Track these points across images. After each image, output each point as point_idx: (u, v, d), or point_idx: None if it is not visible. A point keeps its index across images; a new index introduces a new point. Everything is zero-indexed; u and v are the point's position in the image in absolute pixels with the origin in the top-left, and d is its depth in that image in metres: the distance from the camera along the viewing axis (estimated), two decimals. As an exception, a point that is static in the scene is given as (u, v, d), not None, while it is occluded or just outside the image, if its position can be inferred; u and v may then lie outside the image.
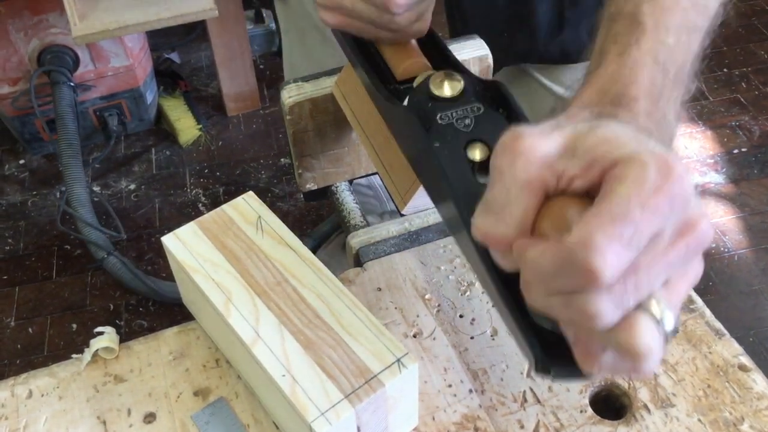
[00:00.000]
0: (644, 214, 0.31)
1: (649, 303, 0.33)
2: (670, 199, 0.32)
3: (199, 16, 1.51)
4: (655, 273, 0.33)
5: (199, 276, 0.53)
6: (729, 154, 1.91)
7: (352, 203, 0.80)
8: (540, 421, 0.52)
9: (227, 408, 0.54)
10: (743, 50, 2.20)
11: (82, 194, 1.56)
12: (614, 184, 0.32)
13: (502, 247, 0.36)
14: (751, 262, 1.67)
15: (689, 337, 0.56)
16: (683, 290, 0.35)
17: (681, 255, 0.34)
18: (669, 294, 0.34)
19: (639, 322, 0.33)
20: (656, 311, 0.33)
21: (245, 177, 1.91)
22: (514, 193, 0.35)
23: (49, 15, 1.73)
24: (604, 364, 0.36)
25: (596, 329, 0.33)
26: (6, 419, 0.54)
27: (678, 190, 0.32)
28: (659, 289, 0.34)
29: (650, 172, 0.32)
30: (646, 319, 0.33)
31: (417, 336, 0.57)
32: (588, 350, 0.36)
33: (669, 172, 0.32)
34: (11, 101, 1.78)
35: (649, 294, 0.33)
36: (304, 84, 0.73)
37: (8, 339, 1.58)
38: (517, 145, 0.35)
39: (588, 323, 0.33)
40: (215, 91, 2.13)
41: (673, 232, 0.33)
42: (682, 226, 0.33)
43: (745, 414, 0.51)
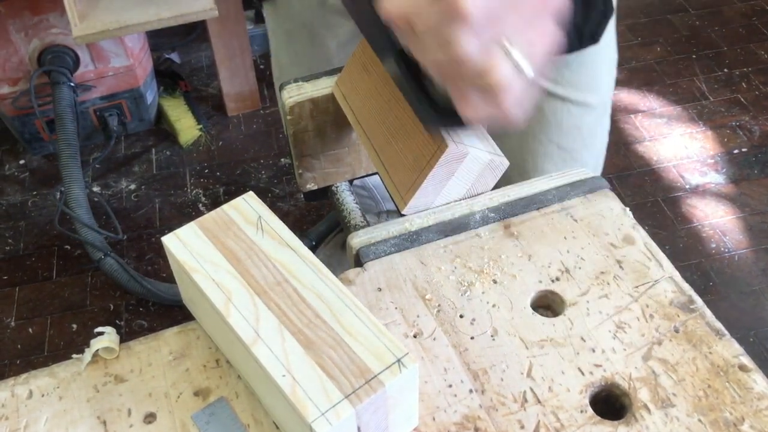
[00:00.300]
0: None
1: (507, 49, 0.43)
2: None
3: (199, 16, 1.51)
4: (511, 23, 0.42)
5: (199, 276, 0.53)
6: (729, 154, 1.91)
7: (352, 203, 0.80)
8: (540, 422, 0.52)
9: (227, 408, 0.54)
10: (744, 50, 2.20)
11: (80, 195, 1.56)
12: None
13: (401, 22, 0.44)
14: (751, 262, 1.67)
15: (689, 338, 0.56)
16: (539, 46, 0.44)
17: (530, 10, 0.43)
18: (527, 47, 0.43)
19: (498, 62, 0.42)
20: (514, 55, 0.43)
21: (245, 177, 1.91)
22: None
23: (50, 15, 1.73)
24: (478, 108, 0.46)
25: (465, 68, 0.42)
26: (6, 419, 0.54)
27: None
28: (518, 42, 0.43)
29: None
30: (504, 59, 0.42)
31: (417, 336, 0.57)
32: (463, 96, 0.46)
33: None
34: (11, 101, 1.79)
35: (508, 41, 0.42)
36: (305, 84, 0.73)
37: (8, 339, 1.58)
38: None
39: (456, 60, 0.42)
40: (215, 91, 2.14)
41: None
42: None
43: (746, 414, 0.51)
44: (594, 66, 0.91)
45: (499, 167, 0.65)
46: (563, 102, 0.92)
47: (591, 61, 0.90)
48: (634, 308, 0.58)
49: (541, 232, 0.64)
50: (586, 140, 0.97)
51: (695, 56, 2.20)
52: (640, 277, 0.60)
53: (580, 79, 0.91)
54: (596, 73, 0.92)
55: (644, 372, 0.54)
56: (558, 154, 0.96)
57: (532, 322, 0.58)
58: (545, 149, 0.96)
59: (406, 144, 0.63)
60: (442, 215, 0.65)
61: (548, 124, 0.93)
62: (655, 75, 2.14)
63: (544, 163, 0.97)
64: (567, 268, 0.61)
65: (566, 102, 0.92)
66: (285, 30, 1.03)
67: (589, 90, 0.92)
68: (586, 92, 0.92)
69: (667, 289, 0.59)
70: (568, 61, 0.89)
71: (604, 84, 0.95)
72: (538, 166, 0.97)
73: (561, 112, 0.93)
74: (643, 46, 2.24)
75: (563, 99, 0.91)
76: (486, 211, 0.65)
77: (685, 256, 1.68)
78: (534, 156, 0.96)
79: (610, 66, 0.95)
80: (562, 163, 0.97)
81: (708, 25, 2.30)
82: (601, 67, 0.93)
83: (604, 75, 0.94)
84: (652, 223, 1.76)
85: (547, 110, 0.93)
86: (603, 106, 0.96)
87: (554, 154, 0.96)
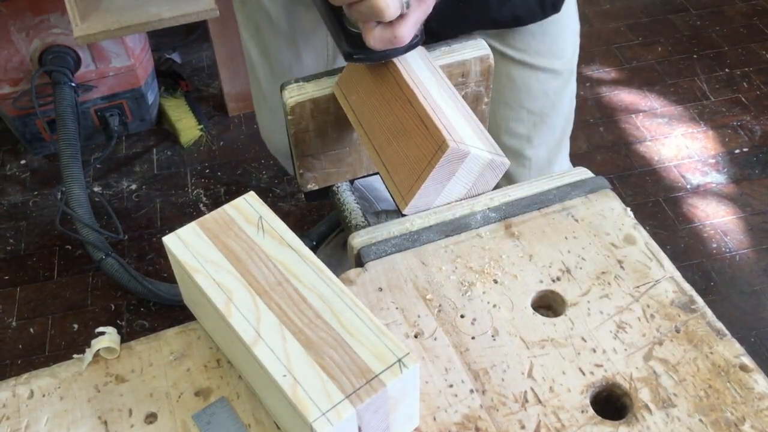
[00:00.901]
0: None
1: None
2: None
3: (200, 16, 1.51)
4: None
5: (200, 276, 0.53)
6: (730, 154, 1.90)
7: (353, 203, 0.80)
8: (541, 422, 0.52)
9: (228, 408, 0.54)
10: (745, 50, 2.20)
11: (81, 195, 1.56)
12: None
13: None
14: (752, 262, 1.67)
15: (690, 338, 0.56)
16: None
17: None
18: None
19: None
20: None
21: (246, 177, 1.91)
22: None
23: (51, 15, 1.73)
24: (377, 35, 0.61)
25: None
26: (7, 419, 0.54)
27: None
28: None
29: None
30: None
31: (418, 336, 0.57)
32: (368, 28, 0.61)
33: None
34: (12, 101, 1.79)
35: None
36: (306, 84, 0.73)
37: (9, 339, 1.58)
38: None
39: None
40: (216, 91, 2.14)
41: None
42: None
43: (747, 414, 0.51)
44: (558, 34, 0.97)
45: (500, 167, 0.65)
46: (531, 69, 0.98)
47: (555, 30, 0.96)
48: (635, 308, 0.58)
49: (542, 232, 0.64)
50: (555, 104, 1.04)
51: (696, 56, 2.19)
52: (641, 277, 0.60)
53: (546, 48, 0.97)
54: (560, 40, 0.98)
55: (645, 372, 0.54)
56: (528, 118, 1.03)
57: (533, 322, 0.58)
58: (516, 114, 1.03)
59: (407, 144, 0.63)
60: (442, 215, 0.65)
61: (518, 90, 1.00)
62: (656, 75, 2.14)
63: (516, 126, 1.04)
64: (568, 268, 0.61)
65: (534, 69, 0.98)
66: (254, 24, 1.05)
67: (554, 57, 0.98)
68: (551, 59, 0.98)
69: (668, 289, 0.59)
70: (533, 30, 0.95)
71: (568, 50, 1.01)
72: (510, 130, 1.04)
73: (529, 79, 0.99)
74: (644, 46, 2.24)
75: (531, 66, 0.98)
76: (487, 211, 0.65)
77: (686, 256, 1.68)
78: (506, 121, 1.03)
79: (573, 33, 1.01)
80: (532, 126, 1.04)
81: (709, 25, 2.30)
82: (565, 34, 0.99)
83: (567, 42, 1.00)
84: (653, 223, 1.75)
85: (517, 78, 0.99)
86: (569, 72, 1.03)
87: (525, 118, 1.03)
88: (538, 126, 1.05)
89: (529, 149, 1.06)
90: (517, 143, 1.05)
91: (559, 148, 1.11)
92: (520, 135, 1.05)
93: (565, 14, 0.95)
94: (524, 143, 1.06)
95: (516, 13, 0.91)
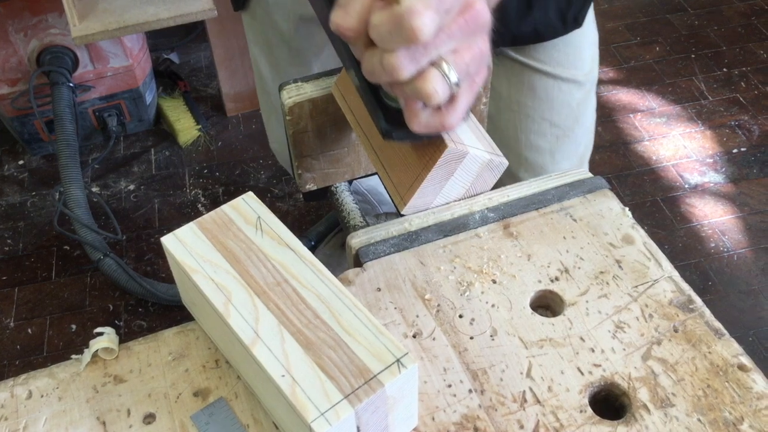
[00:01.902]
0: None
1: (439, 62, 0.48)
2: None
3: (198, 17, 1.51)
4: (442, 40, 0.47)
5: (198, 276, 0.53)
6: (728, 153, 1.91)
7: (351, 204, 0.80)
8: (540, 422, 0.52)
9: (227, 408, 0.54)
10: (743, 50, 2.20)
11: (80, 195, 1.56)
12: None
13: (349, 34, 0.48)
14: (750, 261, 1.67)
15: (689, 337, 0.56)
16: (467, 58, 0.49)
17: (462, 28, 0.47)
18: (455, 58, 0.49)
19: (429, 73, 0.48)
20: (444, 68, 0.48)
21: (245, 177, 1.91)
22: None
23: (49, 15, 1.73)
24: (422, 120, 0.53)
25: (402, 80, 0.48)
26: (5, 420, 0.54)
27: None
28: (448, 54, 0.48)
29: None
30: (435, 72, 0.48)
31: (416, 336, 0.57)
32: (411, 109, 0.52)
33: None
34: (10, 102, 1.78)
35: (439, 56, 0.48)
36: (304, 84, 0.73)
37: (7, 340, 1.58)
38: None
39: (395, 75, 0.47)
40: (214, 91, 2.14)
41: (457, 11, 0.46)
42: (463, 6, 0.47)
43: (745, 414, 0.51)
44: (579, 44, 0.96)
45: (499, 167, 0.65)
46: (554, 79, 0.96)
47: (577, 41, 0.95)
48: (634, 308, 0.58)
49: (541, 232, 0.64)
50: (578, 116, 1.01)
51: (694, 56, 2.20)
52: (639, 276, 0.60)
53: (568, 58, 0.95)
54: (581, 50, 0.97)
55: (643, 372, 0.54)
56: (551, 132, 1.00)
57: (532, 322, 0.58)
58: (538, 127, 0.99)
59: (406, 144, 0.63)
60: (441, 215, 0.65)
61: (540, 101, 0.97)
62: (654, 74, 2.14)
63: (538, 140, 1.00)
64: (566, 268, 0.61)
65: (557, 79, 0.96)
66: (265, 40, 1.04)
67: (575, 67, 0.96)
68: (573, 69, 0.96)
69: (667, 288, 0.59)
70: (555, 42, 0.93)
71: (589, 60, 0.99)
72: (531, 144, 1.00)
73: (552, 89, 0.97)
74: (642, 46, 2.25)
75: (554, 76, 0.95)
76: (485, 211, 0.65)
77: (684, 256, 1.68)
78: (527, 134, 1.00)
79: (592, 44, 0.99)
80: (554, 140, 1.00)
81: (707, 24, 2.30)
82: (585, 44, 0.97)
83: (588, 52, 0.98)
84: (651, 222, 1.76)
85: (539, 89, 0.96)
86: (591, 83, 1.01)
87: (547, 131, 1.00)
88: (561, 140, 1.01)
89: (552, 165, 1.02)
90: (540, 158, 1.02)
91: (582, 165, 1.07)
92: (543, 149, 1.01)
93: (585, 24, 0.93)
94: (547, 158, 1.02)
95: (536, 28, 0.90)
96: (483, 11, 0.47)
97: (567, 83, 0.97)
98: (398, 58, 0.47)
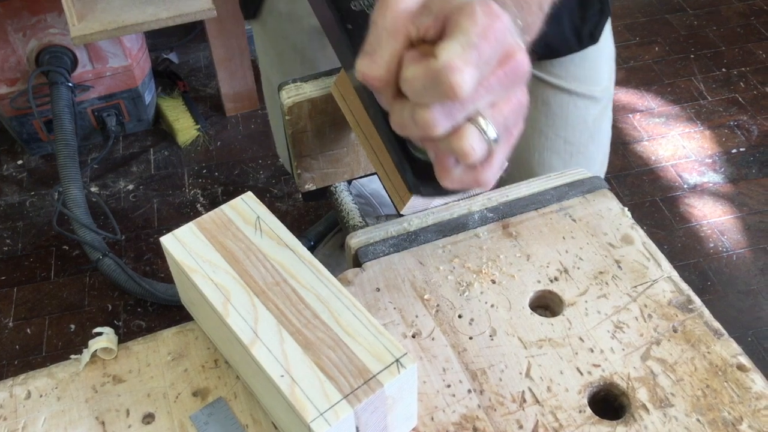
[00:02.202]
0: (483, 43, 0.40)
1: (475, 117, 0.43)
2: (496, 32, 0.41)
3: (197, 16, 1.51)
4: (480, 93, 0.42)
5: (197, 276, 0.53)
6: (727, 153, 1.91)
7: (351, 204, 0.80)
8: (539, 422, 0.52)
9: (226, 408, 0.54)
10: (742, 50, 2.21)
11: (79, 195, 1.56)
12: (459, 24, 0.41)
13: (376, 83, 0.44)
14: (749, 261, 1.67)
15: (688, 337, 0.56)
16: (506, 111, 0.45)
17: (502, 81, 0.43)
18: (493, 112, 0.44)
19: (466, 130, 0.43)
20: (481, 124, 0.43)
21: (244, 177, 1.91)
22: (383, 38, 0.43)
23: (48, 15, 1.73)
24: (455, 176, 0.47)
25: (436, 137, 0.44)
26: (4, 420, 0.54)
27: (500, 26, 0.41)
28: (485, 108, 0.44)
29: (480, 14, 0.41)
30: (472, 128, 0.43)
31: (416, 336, 0.57)
32: (443, 165, 0.47)
33: (493, 13, 0.41)
34: (9, 101, 1.78)
35: (476, 110, 0.43)
36: (303, 84, 0.73)
37: (6, 339, 1.58)
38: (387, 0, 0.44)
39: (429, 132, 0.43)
40: (214, 91, 2.13)
41: (496, 62, 0.42)
42: (502, 56, 0.42)
43: (744, 414, 0.51)
44: (596, 59, 0.93)
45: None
46: (569, 95, 0.93)
47: (593, 55, 0.92)
48: (633, 308, 0.58)
49: (540, 232, 0.64)
50: (593, 133, 0.97)
51: (693, 56, 2.20)
52: (638, 276, 0.60)
53: (585, 73, 0.92)
54: (598, 65, 0.94)
55: (643, 372, 0.54)
56: (565, 149, 0.96)
57: (531, 322, 0.58)
58: (552, 144, 0.96)
59: None
60: (440, 215, 0.65)
61: (555, 117, 0.94)
62: (654, 75, 2.14)
63: (551, 158, 0.97)
64: (565, 268, 0.61)
65: (572, 94, 0.93)
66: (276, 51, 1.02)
67: (592, 82, 0.93)
68: (590, 85, 0.93)
69: (666, 288, 0.59)
70: (571, 56, 0.90)
71: (605, 76, 0.96)
72: (545, 162, 0.97)
73: (567, 105, 0.93)
74: (642, 46, 2.25)
75: (569, 92, 0.92)
76: (484, 211, 0.65)
77: (683, 256, 1.68)
78: (540, 151, 0.96)
79: (609, 58, 0.96)
80: (569, 158, 0.97)
81: (706, 24, 2.30)
82: (602, 59, 0.94)
83: (604, 67, 0.95)
84: (650, 222, 1.76)
85: (554, 104, 0.93)
86: (607, 98, 0.97)
87: (561, 149, 0.96)
88: (575, 157, 0.97)
89: None
90: None
91: None
92: (556, 167, 0.97)
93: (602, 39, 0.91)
94: None
95: (549, 43, 0.87)
96: (523, 61, 0.43)
97: (583, 99, 0.94)
98: (432, 113, 0.42)
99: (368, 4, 0.59)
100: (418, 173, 0.52)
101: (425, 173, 0.51)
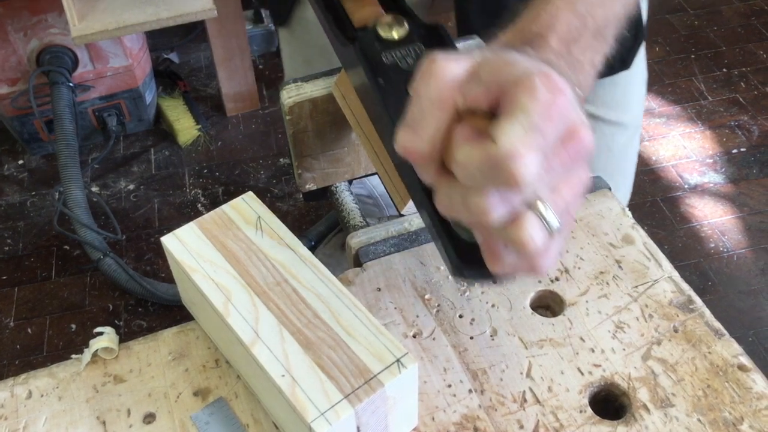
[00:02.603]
0: (546, 124, 0.36)
1: (534, 203, 0.38)
2: (559, 109, 0.36)
3: (198, 17, 1.51)
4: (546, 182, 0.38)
5: (198, 276, 0.53)
6: (728, 154, 1.91)
7: (351, 203, 0.80)
8: (539, 422, 0.52)
9: (227, 408, 0.54)
10: (742, 50, 2.20)
11: (79, 195, 1.56)
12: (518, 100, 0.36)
13: (418, 159, 0.40)
14: (750, 261, 1.67)
15: (689, 337, 0.56)
16: (568, 195, 0.39)
17: (564, 162, 0.38)
18: (554, 196, 0.39)
19: (525, 219, 0.38)
20: (541, 210, 0.38)
21: (244, 177, 1.91)
22: (428, 110, 0.39)
23: (49, 15, 1.73)
24: (507, 263, 0.42)
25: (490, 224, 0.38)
26: (5, 419, 0.54)
27: (563, 102, 0.36)
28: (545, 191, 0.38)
29: (541, 89, 0.36)
30: (532, 216, 0.38)
31: (416, 336, 0.57)
32: (492, 250, 0.42)
33: (555, 87, 0.36)
34: (10, 101, 1.78)
35: (535, 195, 0.38)
36: (304, 84, 0.73)
37: (7, 339, 1.58)
38: (432, 68, 0.39)
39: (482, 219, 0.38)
40: (214, 91, 2.13)
41: (559, 141, 0.37)
42: (566, 135, 0.37)
43: (745, 414, 0.51)
44: (626, 85, 0.88)
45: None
46: (596, 121, 0.87)
47: (624, 81, 0.87)
48: (634, 308, 0.58)
49: (541, 232, 0.64)
50: (619, 162, 0.93)
51: (694, 56, 2.20)
52: (639, 277, 0.60)
53: (613, 98, 0.87)
54: (629, 91, 0.89)
55: (643, 372, 0.54)
56: None
57: (532, 322, 0.58)
58: None
59: None
60: (441, 215, 0.65)
61: None
62: (654, 75, 2.14)
63: None
64: (566, 268, 0.61)
65: (598, 121, 0.87)
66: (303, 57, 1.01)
67: (621, 109, 0.88)
68: (618, 111, 0.88)
69: (667, 288, 0.59)
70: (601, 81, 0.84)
71: (636, 102, 0.91)
72: None
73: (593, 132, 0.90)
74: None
75: (596, 118, 0.87)
76: (485, 211, 0.65)
77: (684, 256, 1.68)
78: None
79: (641, 84, 0.91)
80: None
81: (707, 25, 2.30)
82: (633, 85, 0.89)
83: (635, 93, 0.90)
84: (651, 222, 1.76)
85: None
86: (635, 126, 0.93)
87: None
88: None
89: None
90: None
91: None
92: None
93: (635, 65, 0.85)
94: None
95: None
96: (587, 139, 0.38)
97: (610, 126, 0.88)
98: (488, 199, 0.37)
99: (400, 56, 0.55)
100: (461, 254, 0.46)
101: (470, 255, 0.45)
